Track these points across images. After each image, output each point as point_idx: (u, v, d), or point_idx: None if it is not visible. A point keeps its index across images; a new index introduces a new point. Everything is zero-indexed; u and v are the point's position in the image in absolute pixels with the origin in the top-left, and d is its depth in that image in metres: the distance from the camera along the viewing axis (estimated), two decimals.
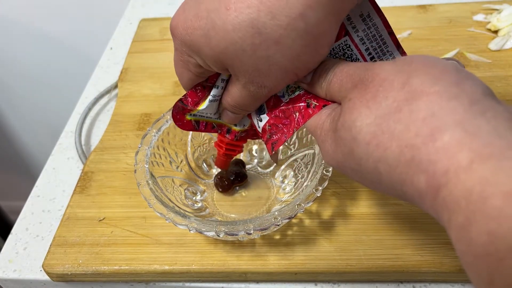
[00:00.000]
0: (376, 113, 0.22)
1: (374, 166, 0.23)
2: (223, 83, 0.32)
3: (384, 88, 0.23)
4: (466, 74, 0.22)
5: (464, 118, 0.20)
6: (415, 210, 0.40)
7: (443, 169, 0.19)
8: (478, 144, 0.19)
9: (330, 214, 0.40)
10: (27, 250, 0.42)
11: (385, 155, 0.22)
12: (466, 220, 0.18)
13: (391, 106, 0.22)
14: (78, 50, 0.94)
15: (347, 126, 0.24)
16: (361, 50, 0.29)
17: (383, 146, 0.22)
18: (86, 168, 0.47)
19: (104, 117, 0.55)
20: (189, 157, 0.44)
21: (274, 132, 0.31)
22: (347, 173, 0.26)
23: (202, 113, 0.34)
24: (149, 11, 0.72)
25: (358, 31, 0.28)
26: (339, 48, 0.29)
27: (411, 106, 0.21)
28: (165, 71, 0.58)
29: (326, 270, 0.37)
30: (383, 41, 0.28)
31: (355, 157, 0.24)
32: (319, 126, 0.28)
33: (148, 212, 0.42)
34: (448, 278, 0.37)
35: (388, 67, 0.24)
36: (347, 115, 0.24)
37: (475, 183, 0.18)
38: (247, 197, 0.43)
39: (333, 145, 0.26)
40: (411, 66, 0.23)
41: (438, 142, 0.20)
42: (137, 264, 0.39)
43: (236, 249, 0.39)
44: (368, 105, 0.23)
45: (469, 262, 0.18)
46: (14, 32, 0.92)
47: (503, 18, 0.57)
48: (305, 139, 0.41)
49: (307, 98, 0.29)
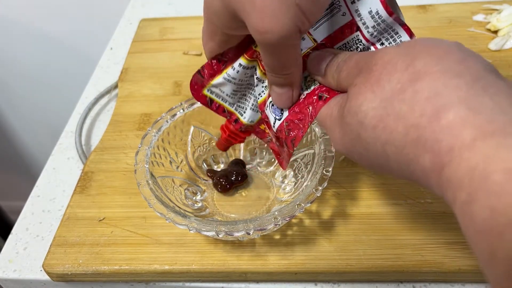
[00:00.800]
0: (381, 96, 0.23)
1: (382, 149, 0.23)
2: (239, 67, 0.33)
3: (387, 71, 0.23)
4: (469, 52, 0.22)
5: (467, 95, 0.20)
6: (415, 210, 0.40)
7: (447, 147, 0.19)
8: (481, 121, 0.19)
9: (330, 214, 0.40)
10: (27, 250, 0.42)
11: (391, 137, 0.22)
12: (468, 196, 0.18)
13: (395, 88, 0.22)
14: (78, 50, 0.94)
15: (353, 112, 0.24)
16: (373, 42, 0.29)
17: (389, 128, 0.22)
18: (86, 168, 0.47)
19: (104, 117, 0.56)
20: (189, 157, 0.44)
21: (291, 128, 0.31)
22: (356, 159, 0.26)
23: (216, 88, 0.35)
24: (149, 11, 0.72)
25: (368, 27, 0.28)
26: (353, 42, 0.30)
27: (415, 86, 0.21)
28: (165, 71, 0.58)
29: (326, 270, 0.37)
30: (394, 31, 0.28)
31: (362, 141, 0.24)
32: (328, 115, 0.28)
33: (148, 212, 0.42)
34: (448, 278, 0.37)
35: (392, 51, 0.24)
36: (353, 100, 0.24)
37: (478, 160, 0.18)
38: (247, 197, 0.43)
39: (341, 132, 0.26)
40: (414, 49, 0.23)
41: (443, 120, 0.20)
42: (137, 264, 0.39)
43: (236, 249, 0.39)
44: (372, 89, 0.23)
45: (473, 238, 0.18)
46: (14, 32, 0.92)
47: (503, 18, 0.57)
48: (305, 139, 0.41)
49: (320, 92, 0.30)
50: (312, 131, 0.40)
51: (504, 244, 0.17)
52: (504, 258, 0.17)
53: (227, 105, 0.36)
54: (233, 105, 0.36)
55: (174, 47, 0.62)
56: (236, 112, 0.37)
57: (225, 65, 0.33)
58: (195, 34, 0.64)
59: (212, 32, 0.30)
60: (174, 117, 0.42)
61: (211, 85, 0.35)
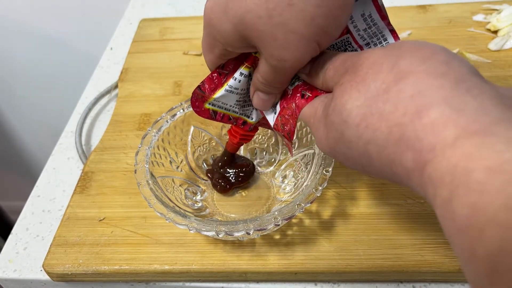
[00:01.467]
0: (366, 95, 0.23)
1: (364, 149, 0.23)
2: (241, 76, 0.33)
3: (373, 70, 0.23)
4: (454, 55, 0.22)
5: (451, 95, 0.20)
6: (415, 210, 0.40)
7: (429, 146, 0.19)
8: (464, 120, 0.19)
9: (330, 214, 0.40)
10: (27, 250, 0.42)
11: (374, 136, 0.22)
12: (449, 194, 0.18)
13: (379, 87, 0.22)
14: (79, 50, 0.94)
15: (338, 110, 0.24)
16: (362, 46, 0.30)
17: (372, 127, 0.22)
18: (86, 168, 0.47)
19: (104, 117, 0.56)
20: (189, 157, 0.44)
21: (284, 122, 0.32)
22: (339, 159, 0.26)
23: (218, 101, 0.35)
24: (149, 11, 0.72)
25: (359, 30, 0.29)
26: (341, 44, 0.30)
27: (399, 85, 0.21)
28: (165, 71, 0.58)
29: (326, 270, 0.37)
30: (384, 37, 0.29)
31: (345, 140, 0.24)
32: (312, 114, 0.28)
33: (148, 212, 0.42)
34: (448, 278, 0.37)
35: (378, 52, 0.24)
36: (338, 99, 0.25)
37: (460, 158, 0.18)
38: (247, 197, 0.43)
39: (325, 131, 0.26)
40: (400, 50, 0.23)
41: (425, 118, 0.20)
42: (137, 264, 0.39)
43: (236, 249, 0.39)
44: (358, 87, 0.23)
45: (453, 236, 0.18)
46: (14, 32, 0.92)
47: (503, 18, 0.57)
48: (305, 139, 0.41)
49: (303, 89, 0.30)
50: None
51: (485, 241, 0.17)
52: (484, 256, 0.17)
53: (232, 112, 0.36)
54: (237, 112, 0.36)
55: (174, 47, 0.62)
56: (243, 116, 0.37)
57: (226, 77, 0.33)
58: (195, 34, 0.64)
59: (212, 45, 0.31)
60: (174, 117, 0.42)
61: (213, 99, 0.34)
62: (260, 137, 0.46)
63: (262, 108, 0.33)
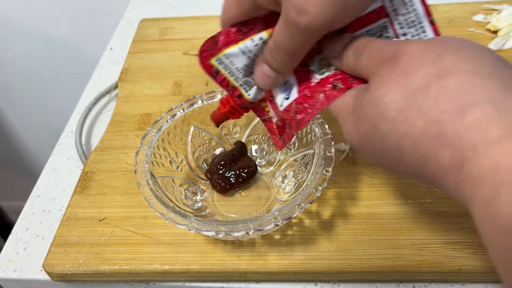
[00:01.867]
0: (405, 89, 0.22)
1: (398, 143, 0.23)
2: (260, 41, 0.31)
3: (414, 64, 0.23)
4: (498, 57, 0.22)
5: (497, 97, 0.20)
6: (415, 210, 0.40)
7: (470, 143, 0.19)
8: (508, 122, 0.19)
9: (330, 214, 0.40)
10: (27, 250, 0.42)
11: (410, 131, 0.22)
12: (492, 192, 0.18)
13: (420, 82, 0.22)
14: (79, 50, 0.94)
15: (374, 102, 0.24)
16: (399, 34, 0.29)
17: (409, 121, 0.22)
18: (86, 168, 0.47)
19: (104, 117, 0.56)
20: (189, 157, 0.44)
21: (299, 110, 0.31)
22: (367, 153, 0.26)
23: (227, 59, 0.33)
24: (149, 11, 0.72)
25: (397, 15, 0.28)
26: (377, 29, 0.29)
27: (441, 82, 0.21)
28: (165, 71, 0.58)
29: (326, 270, 0.37)
30: (422, 28, 0.28)
31: (379, 133, 0.24)
32: (343, 106, 0.27)
33: (148, 212, 0.42)
34: (448, 278, 0.37)
35: (420, 44, 0.24)
36: (375, 91, 0.24)
37: (504, 157, 0.18)
38: (247, 197, 0.43)
39: (356, 124, 0.26)
40: (444, 46, 0.23)
41: (468, 117, 0.20)
42: (137, 264, 0.39)
43: (236, 249, 0.39)
44: (397, 80, 0.23)
45: (493, 235, 0.18)
46: (14, 32, 0.92)
47: (503, 18, 0.57)
48: (305, 139, 0.41)
49: (334, 80, 0.29)
50: (312, 131, 0.40)
51: None
52: None
53: (233, 79, 0.34)
54: (239, 80, 0.34)
55: (174, 47, 0.62)
56: (241, 88, 0.35)
57: (243, 36, 0.32)
58: (195, 34, 0.64)
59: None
60: (174, 117, 0.42)
61: (222, 54, 0.33)
62: (260, 137, 0.46)
63: (262, 85, 0.32)
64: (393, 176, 0.43)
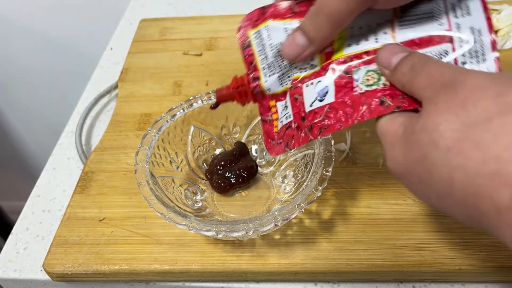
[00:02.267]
0: (464, 120, 0.21)
1: (449, 175, 0.22)
2: None
3: (476, 95, 0.22)
4: None
5: None
6: (415, 210, 0.40)
7: None
8: None
9: (330, 214, 0.40)
10: (27, 250, 0.42)
11: (465, 163, 0.21)
12: None
13: (481, 115, 0.21)
14: (79, 50, 0.94)
15: (429, 129, 0.23)
16: (458, 62, 0.28)
17: (464, 153, 0.21)
18: (86, 168, 0.47)
19: (104, 117, 0.56)
20: (189, 157, 0.44)
21: (330, 116, 0.29)
22: (412, 182, 0.25)
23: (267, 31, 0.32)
24: (149, 11, 0.72)
25: (462, 41, 0.27)
26: (437, 52, 0.28)
27: (505, 118, 0.20)
28: (165, 71, 0.58)
29: (326, 270, 0.37)
30: (484, 62, 0.27)
31: (428, 163, 0.23)
32: (390, 130, 0.26)
33: (148, 212, 0.42)
34: (448, 278, 0.37)
35: (484, 75, 0.23)
36: (430, 118, 0.23)
37: None
38: (247, 197, 0.43)
39: (404, 149, 0.25)
40: (510, 81, 0.22)
41: None
42: (137, 264, 0.39)
43: (236, 249, 0.39)
44: (456, 111, 0.22)
45: None
46: (14, 32, 0.92)
47: (503, 18, 0.57)
48: None
49: (383, 96, 0.28)
50: None
51: None
52: None
53: (260, 58, 0.33)
54: (265, 61, 0.33)
55: (174, 47, 0.62)
56: (262, 71, 0.33)
57: (293, 15, 0.31)
58: (195, 34, 0.64)
59: None
60: (174, 117, 0.42)
61: (265, 25, 0.32)
62: (260, 137, 0.46)
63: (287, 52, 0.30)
64: (393, 176, 0.43)
